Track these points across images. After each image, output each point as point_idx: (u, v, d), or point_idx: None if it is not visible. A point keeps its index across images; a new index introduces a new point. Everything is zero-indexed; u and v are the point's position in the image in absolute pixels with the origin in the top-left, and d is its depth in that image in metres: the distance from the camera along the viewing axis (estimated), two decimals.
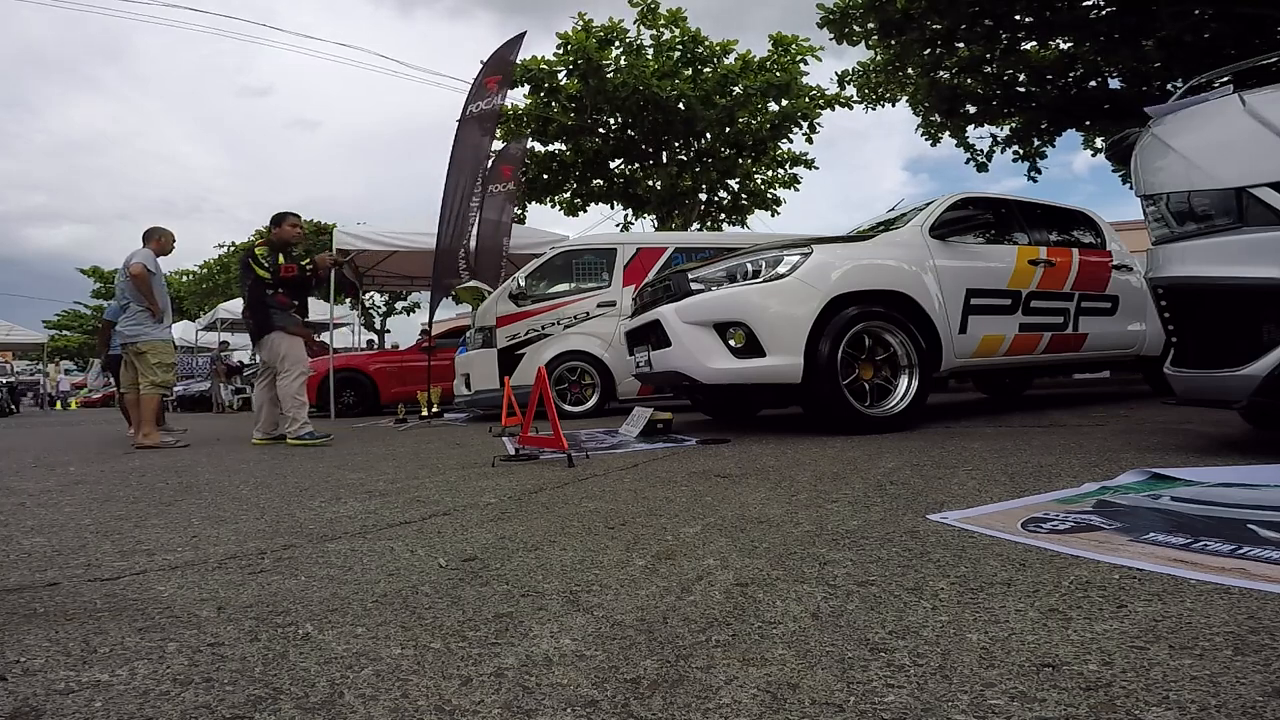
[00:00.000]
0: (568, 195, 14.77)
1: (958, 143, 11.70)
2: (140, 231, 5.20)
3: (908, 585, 1.12)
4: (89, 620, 1.14)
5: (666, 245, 6.60)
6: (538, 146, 13.86)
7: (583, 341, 6.15)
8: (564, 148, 14.10)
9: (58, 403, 27.12)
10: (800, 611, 1.03)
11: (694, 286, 3.62)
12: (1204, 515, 1.45)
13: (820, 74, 31.64)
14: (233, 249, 29.96)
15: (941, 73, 10.42)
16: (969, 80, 10.38)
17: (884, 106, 11.94)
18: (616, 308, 6.10)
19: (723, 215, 14.99)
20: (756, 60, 13.28)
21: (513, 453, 3.22)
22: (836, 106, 13.37)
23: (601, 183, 14.68)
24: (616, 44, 12.90)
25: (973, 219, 3.95)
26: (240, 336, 19.00)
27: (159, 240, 5.16)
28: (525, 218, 14.50)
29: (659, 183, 13.71)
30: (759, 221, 16.04)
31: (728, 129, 13.55)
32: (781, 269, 3.45)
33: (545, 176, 14.33)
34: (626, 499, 2.02)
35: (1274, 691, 0.71)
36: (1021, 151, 11.29)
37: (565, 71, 12.82)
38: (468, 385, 6.36)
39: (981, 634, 0.91)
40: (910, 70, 10.65)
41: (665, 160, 13.95)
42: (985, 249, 4.05)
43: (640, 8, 12.64)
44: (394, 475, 2.80)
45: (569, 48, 12.52)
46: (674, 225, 13.76)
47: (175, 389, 14.03)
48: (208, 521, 1.97)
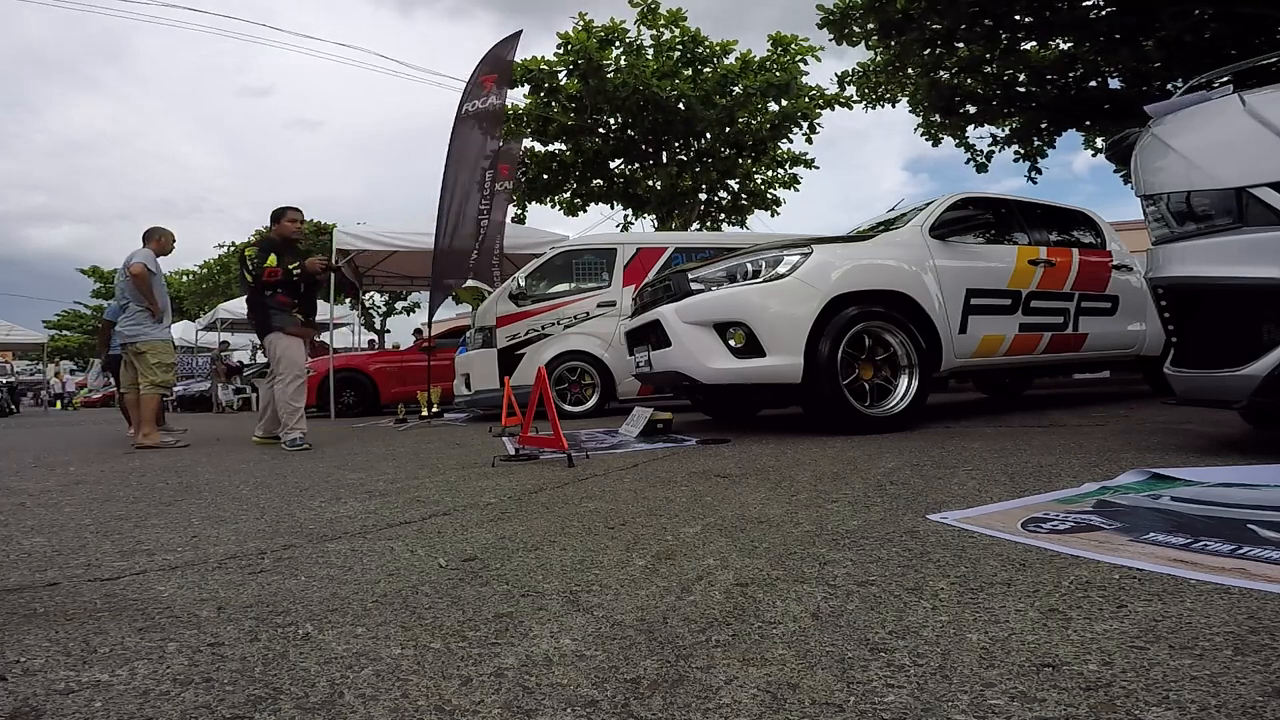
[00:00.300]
0: (568, 195, 14.75)
1: (958, 143, 11.70)
2: (140, 231, 5.21)
3: (908, 585, 1.12)
4: (89, 620, 1.14)
5: (666, 245, 6.60)
6: (538, 146, 13.86)
7: (583, 341, 6.16)
8: (564, 148, 14.09)
9: (58, 402, 27.13)
10: (800, 611, 1.03)
11: (694, 286, 3.62)
12: (1204, 515, 1.45)
13: (820, 74, 31.72)
14: (233, 249, 29.99)
15: (941, 73, 10.41)
16: (969, 80, 10.37)
17: (884, 106, 11.93)
18: (616, 308, 6.10)
19: (723, 215, 14.97)
20: (756, 60, 13.28)
21: (513, 453, 3.22)
22: (836, 106, 13.37)
23: (601, 183, 14.66)
24: (617, 44, 12.89)
25: (973, 219, 3.96)
26: (240, 336, 19.04)
27: (159, 240, 5.17)
28: (525, 218, 14.52)
29: (659, 183, 13.70)
30: (759, 221, 16.06)
31: (728, 129, 13.55)
32: (781, 269, 3.45)
33: (545, 176, 14.32)
34: (626, 499, 2.02)
35: (1274, 691, 0.71)
36: (1021, 151, 11.29)
37: (565, 71, 12.81)
38: (468, 385, 6.36)
39: (981, 634, 0.91)
40: (910, 70, 10.64)
41: (665, 160, 13.94)
42: (985, 249, 4.05)
43: (640, 8, 12.64)
44: (394, 475, 2.80)
45: (569, 48, 12.51)
46: (674, 225, 13.75)
47: (175, 389, 14.03)
48: (208, 521, 1.97)
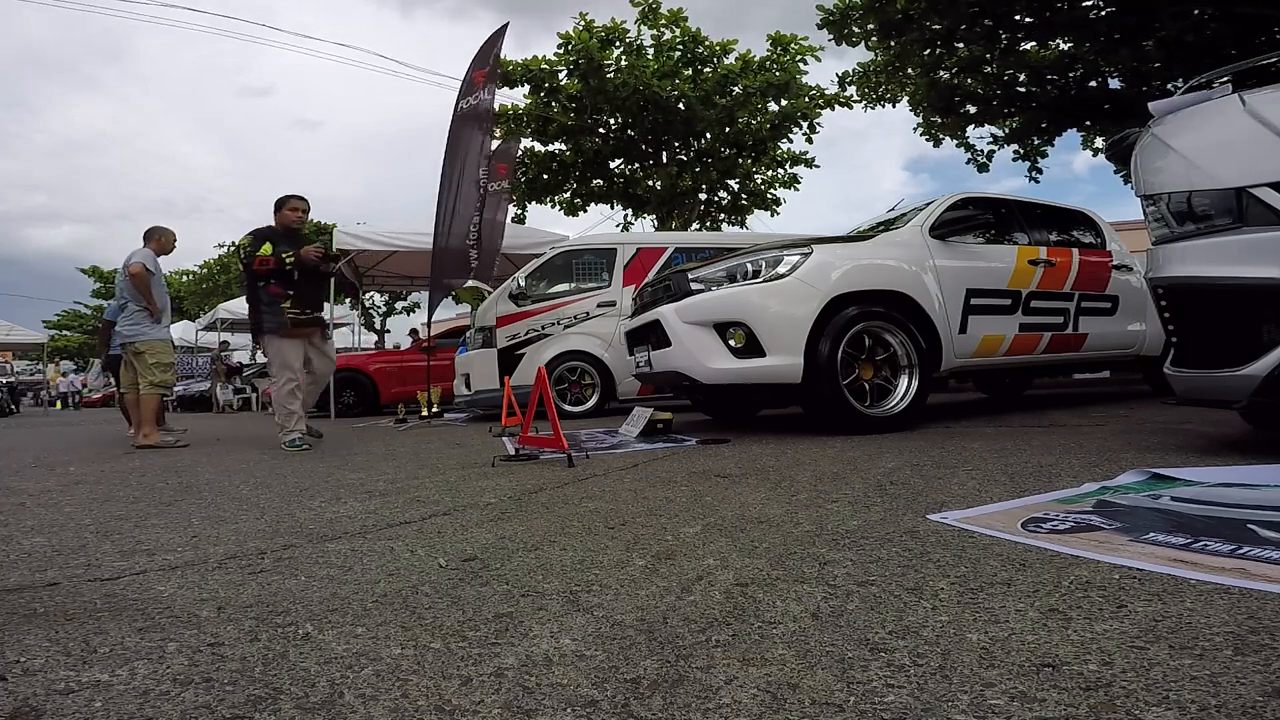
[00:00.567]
0: (568, 195, 14.73)
1: (958, 143, 11.70)
2: (140, 231, 5.20)
3: (908, 585, 1.12)
4: (89, 620, 1.14)
5: (666, 245, 6.60)
6: (538, 146, 13.85)
7: (583, 341, 6.15)
8: (564, 148, 14.07)
9: (59, 402, 27.13)
10: (800, 611, 1.02)
11: (694, 286, 3.62)
12: (1204, 515, 1.45)
13: (820, 74, 31.76)
14: (232, 249, 29.99)
15: (941, 73, 10.40)
16: (969, 80, 10.37)
17: (884, 106, 11.94)
18: (616, 308, 6.10)
19: (722, 215, 14.96)
20: (756, 60, 13.27)
21: (513, 453, 3.22)
22: (836, 106, 13.37)
23: (601, 183, 14.65)
24: (617, 44, 12.89)
25: (973, 219, 3.96)
26: (240, 336, 19.02)
27: (159, 240, 5.16)
28: (525, 218, 14.51)
29: (659, 183, 13.69)
30: (759, 221, 16.03)
31: (728, 129, 13.53)
32: (781, 269, 3.45)
33: (545, 176, 14.31)
34: (626, 499, 2.02)
35: (1274, 691, 0.71)
36: (1021, 151, 11.29)
37: (566, 71, 12.81)
38: (468, 385, 6.36)
39: (981, 634, 0.91)
40: (910, 70, 10.63)
41: (665, 160, 13.93)
42: (985, 249, 4.05)
43: (641, 8, 12.63)
44: (394, 475, 2.80)
45: (570, 47, 12.50)
46: (674, 225, 13.73)
47: (175, 389, 14.02)
48: (208, 521, 1.97)
